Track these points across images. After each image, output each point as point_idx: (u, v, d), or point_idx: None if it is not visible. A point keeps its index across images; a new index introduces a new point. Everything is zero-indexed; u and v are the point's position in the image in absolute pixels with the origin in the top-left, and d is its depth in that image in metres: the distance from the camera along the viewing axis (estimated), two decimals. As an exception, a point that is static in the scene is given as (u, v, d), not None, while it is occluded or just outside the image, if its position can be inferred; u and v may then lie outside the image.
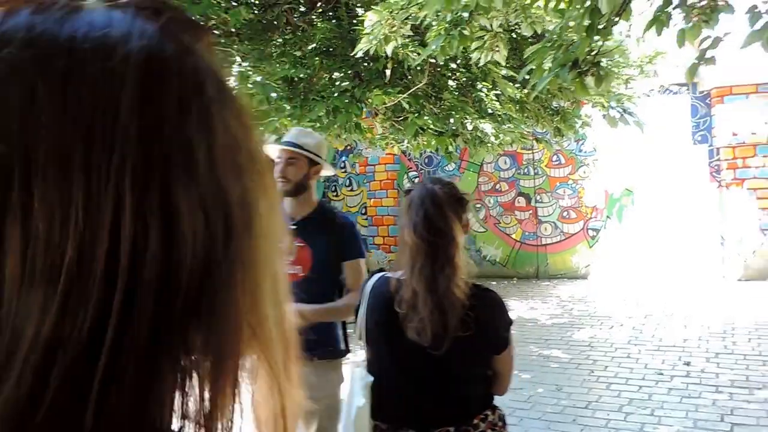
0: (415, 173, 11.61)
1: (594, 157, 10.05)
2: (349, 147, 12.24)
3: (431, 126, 6.61)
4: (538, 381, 5.40)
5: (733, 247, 9.17)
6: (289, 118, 6.31)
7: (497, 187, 10.77)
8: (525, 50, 4.89)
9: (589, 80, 3.90)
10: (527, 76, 3.94)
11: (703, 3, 3.77)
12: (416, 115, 6.38)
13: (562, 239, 10.28)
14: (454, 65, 7.44)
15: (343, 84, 6.60)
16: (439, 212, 1.76)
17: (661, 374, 5.35)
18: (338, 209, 3.97)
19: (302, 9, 7.89)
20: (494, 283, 10.20)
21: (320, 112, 6.16)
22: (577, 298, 8.73)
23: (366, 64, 6.74)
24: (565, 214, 10.24)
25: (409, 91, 6.18)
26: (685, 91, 9.56)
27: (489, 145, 7.32)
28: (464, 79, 7.38)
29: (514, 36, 6.96)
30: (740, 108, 9.04)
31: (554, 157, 10.31)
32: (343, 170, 12.94)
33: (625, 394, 4.94)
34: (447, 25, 4.22)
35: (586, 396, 4.95)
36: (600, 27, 3.60)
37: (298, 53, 6.95)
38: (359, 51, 4.69)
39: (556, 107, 8.15)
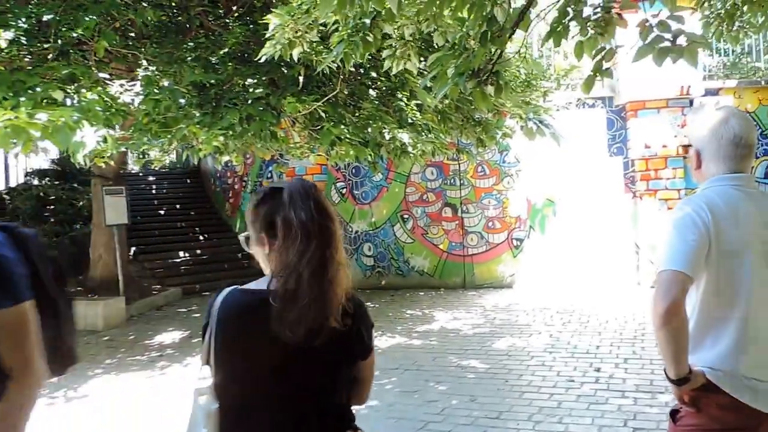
0: (342, 184, 11.49)
1: (517, 168, 10.19)
2: (275, 156, 12.02)
3: (348, 135, 6.52)
4: (454, 392, 5.32)
5: (647, 256, 9.45)
6: (199, 126, 6.05)
7: (424, 197, 10.77)
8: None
9: (489, 89, 3.89)
10: (429, 84, 3.89)
11: (597, 16, 3.82)
12: (332, 124, 6.26)
13: (487, 249, 10.36)
14: (375, 74, 7.39)
15: (257, 91, 6.40)
16: (324, 200, 1.69)
17: (572, 381, 5.37)
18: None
19: (219, 12, 7.66)
20: (422, 293, 10.19)
21: (233, 119, 5.94)
22: (500, 307, 8.77)
23: (283, 70, 6.58)
24: (490, 224, 10.33)
25: (324, 99, 6.05)
26: (600, 105, 9.84)
27: (411, 155, 7.29)
28: (384, 88, 7.33)
29: (428, 45, 6.99)
30: (652, 122, 9.36)
31: (479, 168, 10.39)
32: (269, 180, 12.70)
33: (536, 403, 4.92)
34: (350, 31, 4.12)
35: (498, 406, 4.91)
36: (496, 36, 3.58)
37: (213, 58, 6.70)
38: (263, 56, 4.52)
39: (478, 118, 8.21)
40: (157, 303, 10.47)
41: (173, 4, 7.54)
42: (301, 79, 6.06)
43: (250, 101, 6.33)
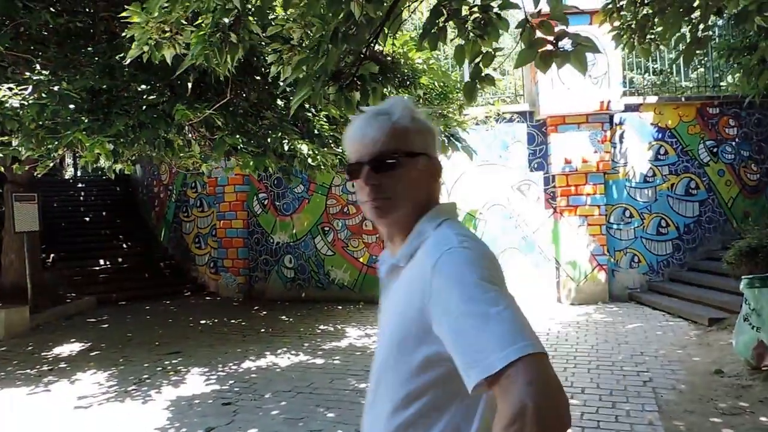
0: (264, 195, 10.78)
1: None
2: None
3: (244, 146, 5.89)
4: (342, 420, 4.68)
5: (567, 272, 9.09)
6: (85, 132, 5.32)
7: (345, 209, 10.16)
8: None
9: (356, 96, 3.31)
10: (288, 88, 3.30)
11: (476, 16, 3.30)
12: (226, 133, 5.62)
13: (408, 263, 9.81)
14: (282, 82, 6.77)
15: (150, 97, 5.71)
16: None
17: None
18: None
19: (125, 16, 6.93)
20: (340, 307, 9.56)
21: (121, 126, 5.24)
22: (415, 323, 8.22)
23: (186, 76, 5.90)
24: (411, 238, 9.79)
25: (214, 107, 5.39)
26: (520, 120, 9.47)
27: (315, 166, 6.70)
28: (290, 98, 6.72)
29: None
30: (572, 137, 9.04)
31: (401, 181, 9.87)
32: (194, 190, 11.89)
33: None
34: (211, 30, 3.49)
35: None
36: (352, 34, 3.01)
37: (113, 62, 5.99)
38: (129, 58, 3.87)
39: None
40: (68, 312, 9.56)
41: (78, 9, 6.81)
42: (189, 85, 5.41)
43: (144, 107, 5.64)
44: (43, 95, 5.69)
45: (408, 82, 7.45)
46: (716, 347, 6.28)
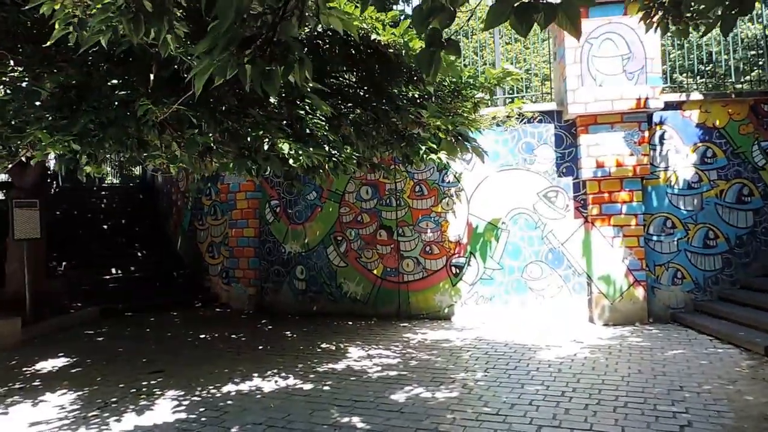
0: (276, 202, 10.13)
1: (457, 188, 8.84)
2: (215, 173, 10.71)
3: (221, 145, 5.19)
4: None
5: (600, 289, 8.06)
6: (46, 131, 4.75)
7: (359, 218, 9.40)
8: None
9: (277, 69, 2.51)
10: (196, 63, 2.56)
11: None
12: (197, 131, 4.93)
13: (424, 276, 8.95)
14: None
15: (120, 93, 5.10)
16: None
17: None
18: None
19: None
20: (350, 323, 8.79)
21: (86, 123, 4.64)
22: (427, 343, 7.35)
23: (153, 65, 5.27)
24: (427, 249, 8.94)
25: (179, 100, 4.71)
26: (548, 120, 8.51)
27: (337, 169, 5.98)
28: (284, 94, 6.00)
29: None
30: (605, 138, 8.03)
31: (417, 188, 9.03)
32: (208, 198, 11.37)
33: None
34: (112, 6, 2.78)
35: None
36: None
37: (91, 57, 5.43)
38: (52, 40, 3.24)
39: (402, 131, 6.91)
40: (68, 323, 9.15)
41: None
42: (152, 75, 4.77)
43: (117, 103, 5.04)
44: (8, 92, 5.19)
45: (415, 78, 6.68)
46: (773, 383, 5.21)
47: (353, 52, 6.58)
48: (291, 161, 5.11)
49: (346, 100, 6.55)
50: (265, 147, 5.15)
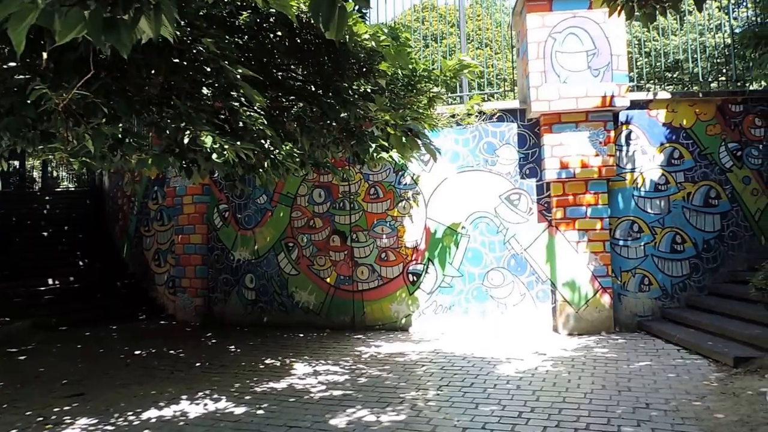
0: (225, 206, 9.56)
1: (414, 191, 8.40)
2: (161, 176, 10.11)
3: (132, 138, 4.64)
4: None
5: (565, 296, 7.70)
6: None
7: (311, 223, 8.89)
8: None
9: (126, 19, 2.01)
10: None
11: None
12: (105, 121, 4.38)
13: (380, 285, 8.47)
14: (209, 67, 5.53)
15: (18, 77, 4.53)
16: None
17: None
18: None
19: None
20: (302, 335, 8.26)
21: None
22: (380, 357, 6.86)
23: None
24: (383, 255, 8.46)
25: (77, 84, 4.14)
26: (511, 119, 8.14)
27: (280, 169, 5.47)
28: (217, 84, 5.46)
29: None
30: (570, 138, 7.68)
31: (372, 190, 8.57)
32: (155, 202, 10.73)
33: None
34: None
35: None
36: None
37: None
38: None
39: (353, 128, 6.44)
40: (-9, 339, 8.42)
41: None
42: (44, 55, 4.21)
43: (15, 89, 4.47)
44: None
45: (365, 69, 6.22)
46: (744, 398, 4.85)
47: (299, 41, 6.11)
48: (215, 156, 4.57)
49: (289, 93, 6.05)
50: (186, 140, 4.62)
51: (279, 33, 5.99)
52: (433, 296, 8.24)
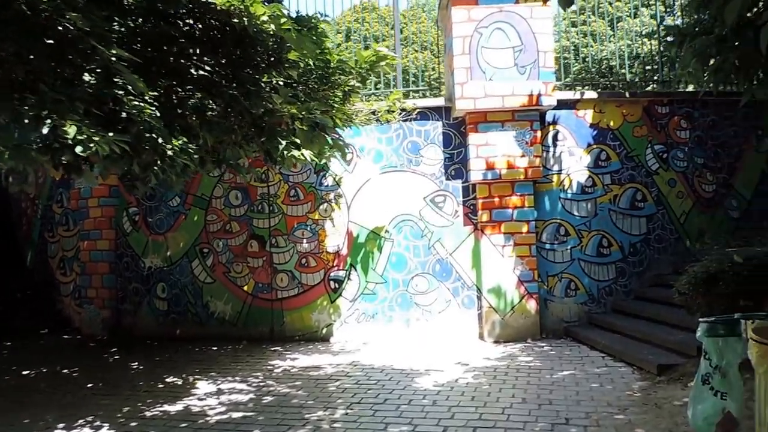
0: (135, 209, 8.83)
1: (336, 192, 7.93)
2: (65, 176, 9.26)
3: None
4: None
5: (491, 303, 7.38)
6: None
7: (227, 227, 8.28)
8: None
9: None
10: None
11: None
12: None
13: (300, 292, 7.94)
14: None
15: None
16: None
17: None
18: None
19: None
20: (215, 348, 7.66)
21: None
22: (292, 372, 6.34)
23: None
24: (303, 261, 7.95)
25: None
26: (436, 117, 7.79)
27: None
28: (92, 68, 4.83)
29: None
30: (496, 138, 7.38)
31: (292, 192, 8.04)
32: (59, 205, 9.86)
33: None
34: None
35: None
36: None
37: None
38: None
39: (262, 124, 5.92)
40: None
41: None
42: None
43: None
44: None
45: (273, 58, 5.71)
46: (667, 410, 4.60)
47: (201, 26, 5.55)
48: (79, 149, 3.97)
49: (186, 83, 5.45)
50: (45, 130, 4.00)
51: (180, 19, 5.44)
52: (356, 304, 7.78)
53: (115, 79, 4.68)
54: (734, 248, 5.71)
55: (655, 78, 8.89)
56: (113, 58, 4.13)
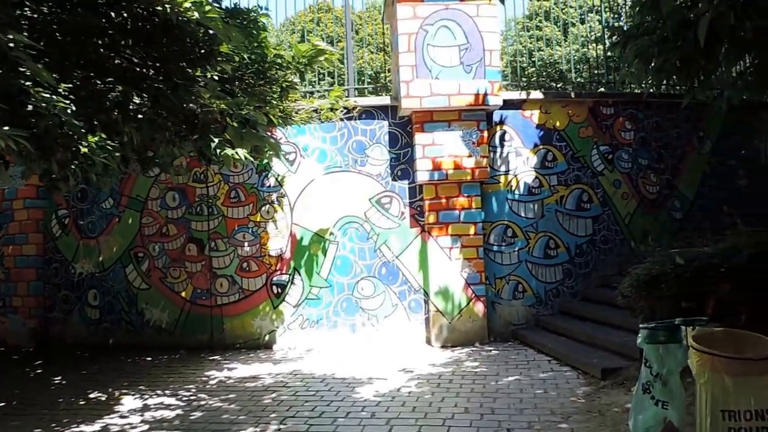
0: (65, 212, 8.29)
1: (279, 193, 7.60)
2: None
3: None
4: None
5: (438, 306, 7.18)
6: None
7: (164, 230, 7.84)
8: None
9: None
10: None
11: None
12: None
13: (241, 298, 7.58)
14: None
15: None
16: None
17: None
18: None
19: None
20: (149, 358, 7.22)
21: None
22: (227, 384, 5.96)
23: None
24: (244, 265, 7.58)
25: None
26: (382, 116, 7.55)
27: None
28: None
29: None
30: (442, 138, 7.19)
31: (232, 193, 7.67)
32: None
33: None
34: None
35: None
36: None
37: None
38: None
39: (195, 120, 5.56)
40: None
41: None
42: None
43: None
44: None
45: (203, 51, 5.35)
46: (610, 417, 4.46)
47: (125, 15, 5.15)
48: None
49: (106, 74, 5.03)
50: None
51: (102, 6, 5.04)
52: (300, 309, 7.47)
53: (22, 69, 4.27)
54: (677, 249, 5.64)
55: (604, 81, 8.85)
56: (11, 45, 3.72)
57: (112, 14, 5.06)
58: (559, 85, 12.63)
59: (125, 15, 5.16)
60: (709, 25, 4.18)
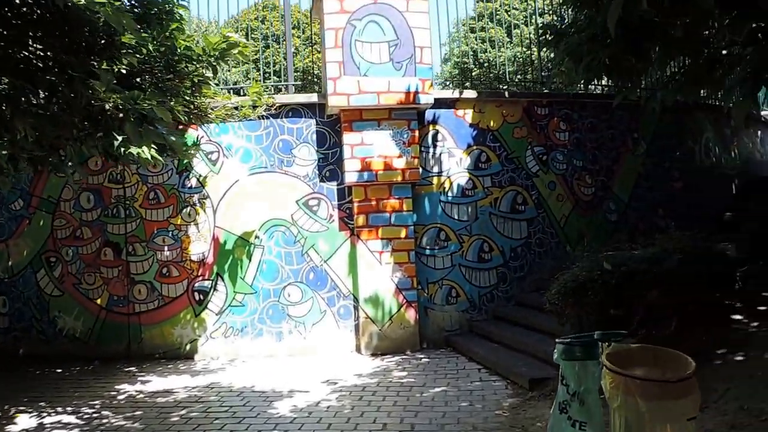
0: (-31, 213, 7.60)
1: (201, 195, 7.12)
2: None
3: None
4: None
5: (368, 313, 6.84)
6: None
7: (78, 233, 7.25)
8: None
9: None
10: None
11: None
12: None
13: (160, 305, 7.06)
14: None
15: None
16: None
17: None
18: None
19: None
20: (60, 370, 6.64)
21: None
22: (136, 399, 5.46)
23: None
24: (164, 270, 7.07)
25: None
26: (310, 115, 7.15)
27: None
28: None
29: None
30: (372, 137, 6.85)
31: (151, 194, 7.14)
32: None
33: None
34: None
35: None
36: None
37: None
38: None
39: (99, 116, 5.04)
40: None
41: None
42: None
43: None
44: None
45: (103, 41, 4.85)
46: (533, 432, 4.20)
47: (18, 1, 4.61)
48: None
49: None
50: None
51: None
52: (223, 317, 7.00)
53: None
54: (606, 253, 5.45)
55: (541, 82, 8.67)
56: None
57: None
58: (503, 87, 12.49)
59: (19, 1, 4.64)
60: (631, 19, 3.96)
